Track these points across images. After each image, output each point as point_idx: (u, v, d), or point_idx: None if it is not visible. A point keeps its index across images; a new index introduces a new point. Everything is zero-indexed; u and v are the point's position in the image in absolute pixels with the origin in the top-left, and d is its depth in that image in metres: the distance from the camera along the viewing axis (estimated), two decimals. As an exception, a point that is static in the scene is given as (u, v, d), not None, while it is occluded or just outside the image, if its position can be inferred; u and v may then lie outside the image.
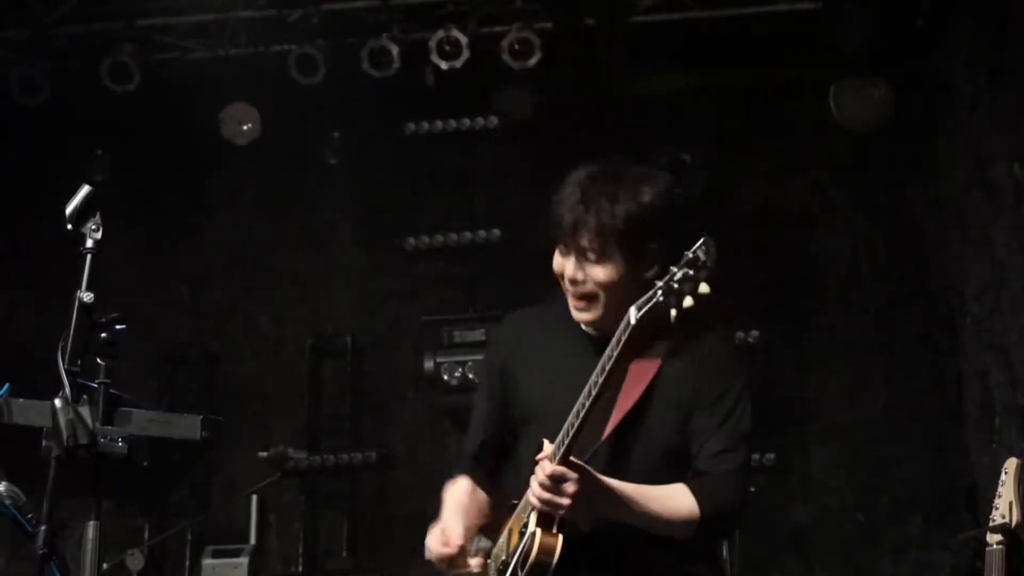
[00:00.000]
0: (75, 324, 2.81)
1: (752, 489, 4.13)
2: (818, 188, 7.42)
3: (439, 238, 7.26)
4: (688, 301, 2.82)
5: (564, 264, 3.26)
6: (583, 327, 3.33)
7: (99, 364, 2.87)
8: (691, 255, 2.82)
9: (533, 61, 7.05)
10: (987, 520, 4.41)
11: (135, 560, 6.48)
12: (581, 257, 3.20)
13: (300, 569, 7.38)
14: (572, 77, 7.28)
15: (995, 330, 6.56)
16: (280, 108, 7.53)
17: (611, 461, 3.16)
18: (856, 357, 7.28)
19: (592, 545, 3.14)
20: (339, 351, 7.74)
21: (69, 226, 2.90)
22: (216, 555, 6.10)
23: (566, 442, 3.04)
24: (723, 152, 7.37)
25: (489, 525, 3.50)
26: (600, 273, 3.19)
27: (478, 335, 6.97)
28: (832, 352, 7.26)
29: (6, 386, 3.38)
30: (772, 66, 7.17)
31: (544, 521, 3.11)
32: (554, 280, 3.38)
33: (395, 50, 7.16)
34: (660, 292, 2.85)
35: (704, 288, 2.81)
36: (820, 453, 7.19)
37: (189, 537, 7.16)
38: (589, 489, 3.04)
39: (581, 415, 3.02)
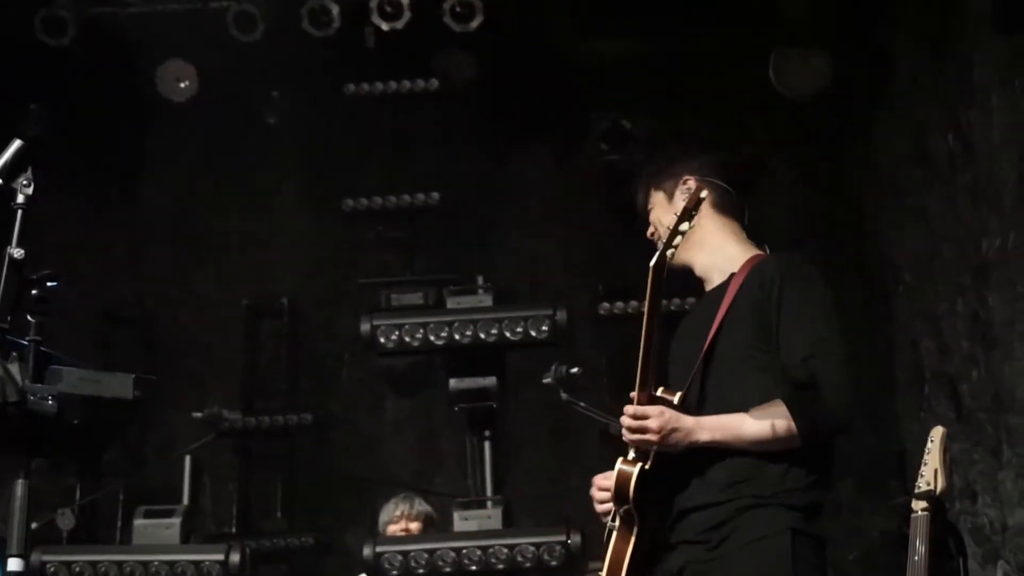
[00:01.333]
0: (5, 280, 2.77)
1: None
2: (757, 152, 7.46)
3: (378, 200, 7.22)
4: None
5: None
6: (706, 287, 3.75)
7: (30, 321, 2.84)
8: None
9: (475, 24, 7.01)
10: (914, 487, 4.47)
11: (66, 519, 6.43)
12: (644, 219, 3.81)
13: (234, 530, 7.35)
14: (514, 41, 7.25)
15: (927, 299, 6.65)
16: (218, 66, 7.44)
17: (704, 384, 3.42)
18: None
19: (691, 477, 3.39)
20: (276, 312, 7.71)
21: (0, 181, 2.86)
22: (148, 515, 6.05)
23: (639, 383, 3.36)
24: (664, 118, 7.39)
25: None
26: (656, 217, 3.77)
27: (416, 298, 6.96)
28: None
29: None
30: (714, 32, 7.18)
31: (639, 453, 3.39)
32: (489, 244, 3.61)
33: (335, 9, 7.10)
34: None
35: (684, 226, 3.33)
36: (754, 418, 7.25)
37: (122, 497, 7.11)
38: (675, 423, 3.31)
39: (643, 354, 3.36)
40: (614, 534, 3.38)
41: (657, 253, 3.32)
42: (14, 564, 2.71)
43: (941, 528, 4.49)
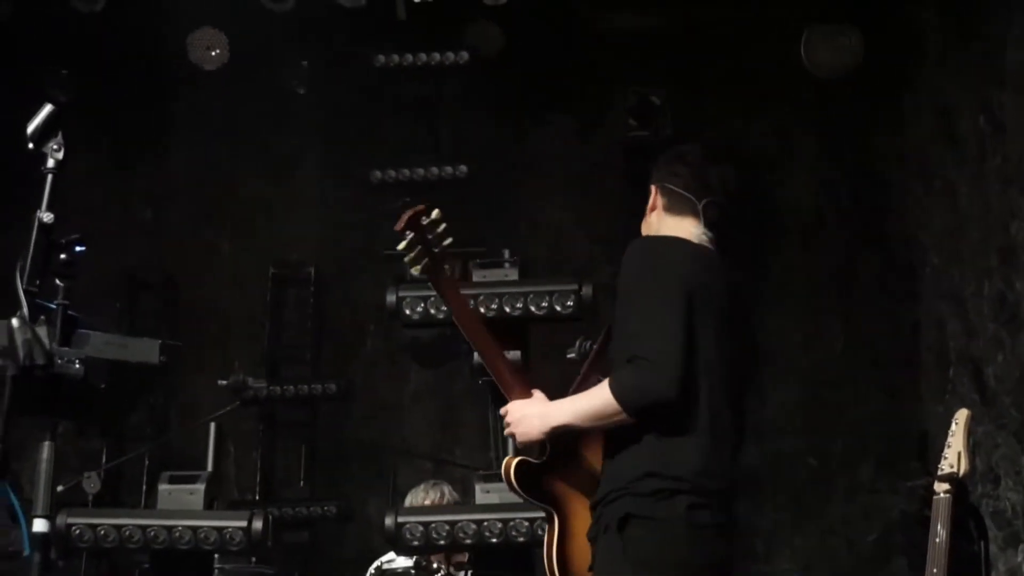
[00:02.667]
0: (35, 244, 2.78)
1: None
2: (784, 132, 7.44)
3: (405, 172, 7.23)
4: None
5: None
6: None
7: (58, 285, 2.86)
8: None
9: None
10: (936, 468, 4.47)
11: (91, 483, 6.49)
12: None
13: (257, 497, 7.40)
14: (543, 14, 7.24)
15: (953, 280, 6.62)
16: (249, 34, 7.46)
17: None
18: (815, 302, 7.33)
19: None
20: (302, 280, 7.73)
21: (31, 145, 2.88)
22: (173, 480, 6.07)
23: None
24: (690, 92, 7.37)
25: None
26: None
27: (441, 271, 6.96)
28: (791, 296, 7.31)
29: (-37, 305, 3.37)
30: (743, 7, 7.15)
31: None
32: (514, 217, 3.58)
33: (367, -20, 7.10)
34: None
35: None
36: (776, 396, 7.26)
37: (147, 462, 7.17)
38: (522, 410, 3.57)
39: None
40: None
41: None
42: (40, 525, 2.74)
43: (963, 511, 4.47)
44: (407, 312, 6.86)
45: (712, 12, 7.20)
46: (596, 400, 3.45)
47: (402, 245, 3.63)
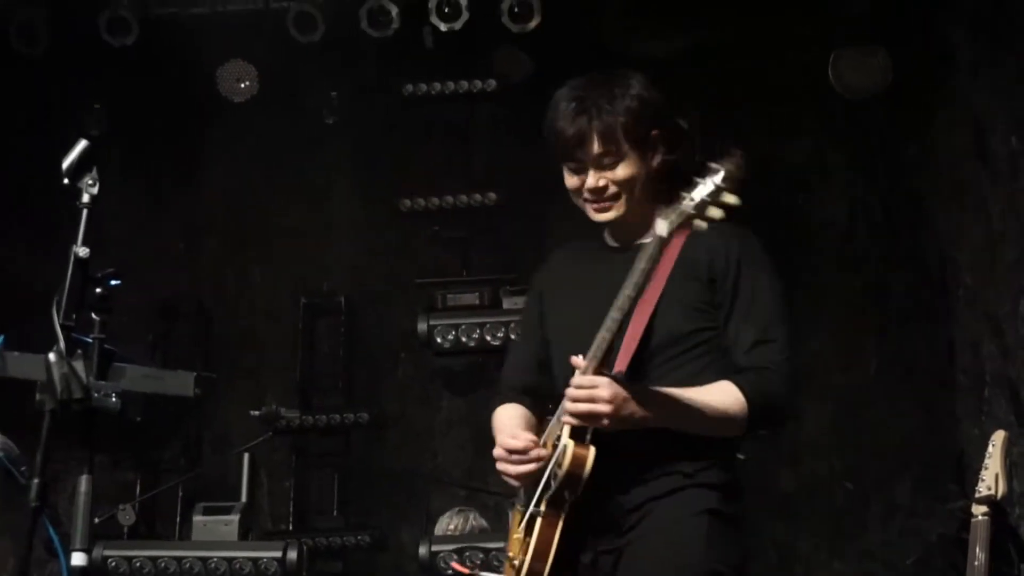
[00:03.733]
0: (71, 278, 2.81)
1: (742, 457, 4.14)
2: (815, 152, 7.42)
3: (435, 200, 7.25)
4: (716, 212, 2.95)
5: (580, 179, 3.38)
6: (607, 240, 3.50)
7: (94, 319, 2.88)
8: (715, 166, 2.97)
9: (533, 24, 7.03)
10: (974, 491, 4.44)
11: (126, 515, 6.51)
12: (597, 166, 3.33)
13: (290, 527, 7.41)
14: (570, 40, 7.25)
15: (988, 300, 6.57)
16: (278, 66, 7.51)
17: (640, 362, 3.22)
18: (849, 322, 7.29)
19: (613, 458, 3.15)
20: (333, 310, 7.75)
21: (65, 180, 2.90)
22: (207, 512, 6.12)
23: (598, 355, 3.13)
24: (720, 115, 7.36)
25: None
26: (620, 172, 3.34)
27: (472, 298, 6.99)
28: (825, 316, 7.27)
29: (2, 338, 3.39)
30: (772, 32, 7.15)
31: (577, 434, 3.16)
32: (544, 243, 3.50)
33: (394, 10, 7.14)
34: (688, 203, 2.97)
35: (731, 199, 2.95)
36: (810, 418, 7.22)
37: (180, 493, 7.18)
38: (626, 393, 3.09)
39: (612, 328, 3.11)
40: (539, 520, 3.18)
41: (686, 218, 3.00)
42: (78, 558, 2.75)
43: (1002, 534, 4.44)
44: (438, 340, 6.92)
45: (739, 36, 7.19)
46: (724, 407, 3.15)
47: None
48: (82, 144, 2.89)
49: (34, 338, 3.07)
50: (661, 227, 3.00)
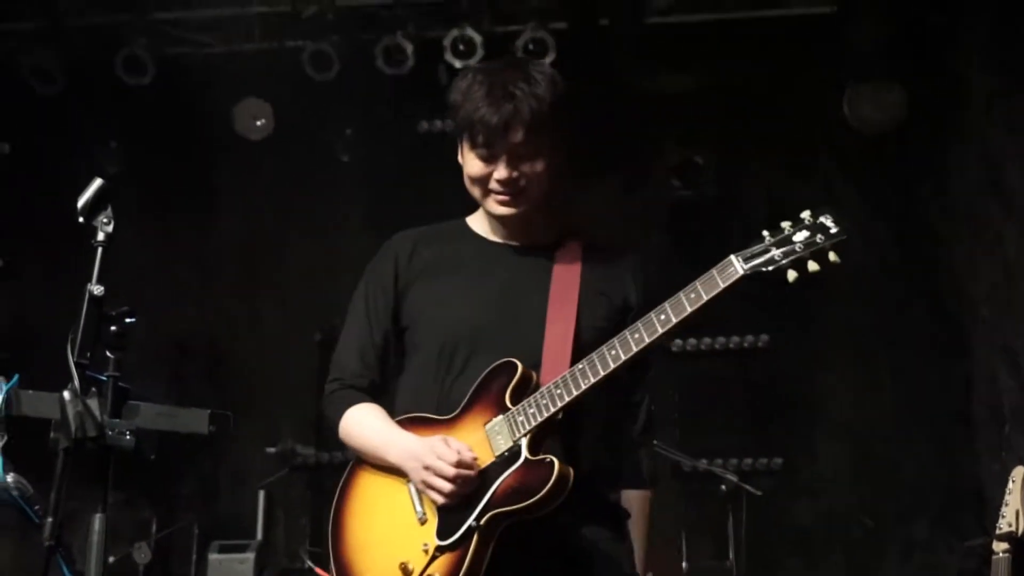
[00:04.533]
0: (85, 316, 2.81)
1: (759, 492, 4.11)
2: (829, 186, 7.41)
3: (449, 236, 7.25)
4: (813, 266, 2.90)
5: (490, 168, 3.15)
6: (485, 234, 3.31)
7: (108, 357, 2.87)
8: (818, 221, 2.90)
9: (547, 61, 7.05)
10: (994, 527, 4.40)
11: (142, 553, 6.50)
12: (512, 156, 3.11)
13: (307, 565, 7.38)
14: (585, 75, 7.27)
15: (1005, 333, 6.55)
16: (294, 104, 7.55)
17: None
18: (864, 357, 7.27)
19: None
20: (348, 346, 7.73)
21: (81, 219, 2.91)
22: (223, 550, 6.10)
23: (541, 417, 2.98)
24: (735, 152, 7.37)
25: None
26: (535, 167, 3.12)
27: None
28: (840, 352, 7.25)
29: (15, 377, 3.39)
30: (786, 68, 7.16)
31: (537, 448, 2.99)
32: None
33: (409, 48, 7.17)
34: (775, 249, 2.89)
35: (834, 257, 2.90)
36: (827, 454, 7.19)
37: (196, 531, 7.17)
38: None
39: (617, 364, 2.92)
40: (475, 536, 2.96)
41: (771, 263, 2.90)
42: (92, 598, 2.74)
43: (1022, 570, 4.40)
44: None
45: (754, 72, 7.21)
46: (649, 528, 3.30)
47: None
48: (97, 183, 2.90)
49: (49, 376, 3.06)
50: (736, 263, 2.89)
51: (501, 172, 3.14)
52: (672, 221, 7.39)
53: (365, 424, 3.28)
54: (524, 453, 2.98)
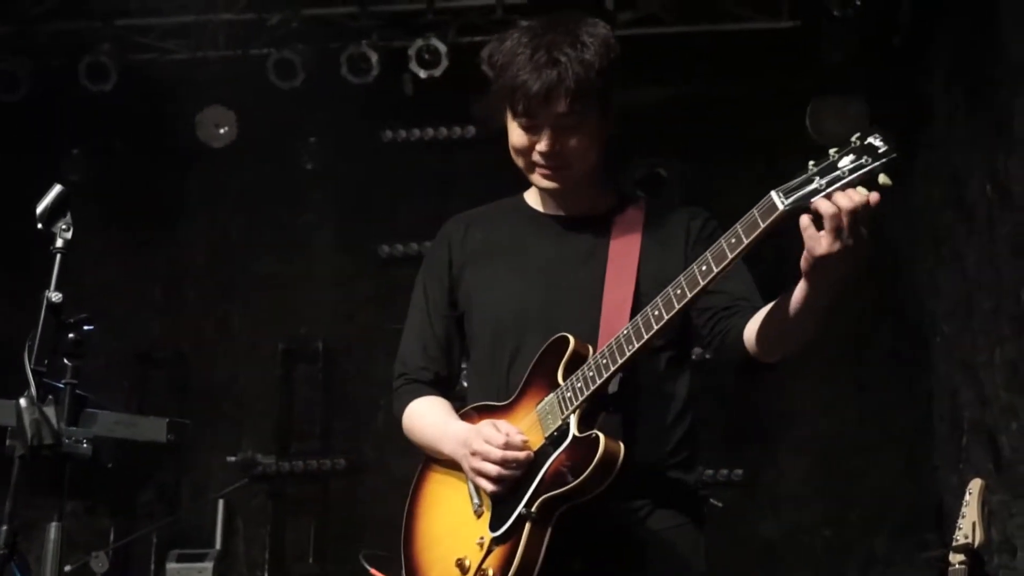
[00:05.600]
0: (43, 324, 2.79)
1: (720, 504, 4.01)
2: (793, 203, 7.43)
3: (414, 246, 7.25)
4: (863, 192, 2.53)
5: (533, 139, 2.98)
6: (542, 210, 3.14)
7: (66, 364, 2.86)
8: (867, 142, 2.52)
9: (512, 71, 7.05)
10: (952, 539, 4.42)
11: (99, 563, 6.44)
12: (556, 127, 2.94)
13: (266, 574, 7.35)
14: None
15: (965, 349, 6.59)
16: (258, 112, 7.52)
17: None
18: (828, 372, 7.29)
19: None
20: (311, 356, 7.72)
21: (40, 225, 2.89)
22: (181, 559, 6.06)
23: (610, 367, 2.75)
24: (700, 166, 7.39)
25: None
26: (580, 140, 2.97)
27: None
28: (804, 367, 7.26)
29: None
30: (750, 82, 7.20)
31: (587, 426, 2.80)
32: None
33: (374, 57, 7.16)
34: (820, 179, 2.58)
35: (884, 179, 2.53)
36: (790, 467, 7.21)
37: (155, 540, 7.12)
38: None
39: (660, 324, 2.71)
40: (527, 524, 2.78)
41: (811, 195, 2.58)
42: (47, 607, 2.72)
43: (979, 581, 4.43)
44: (417, 386, 6.84)
45: (718, 85, 7.24)
46: None
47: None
48: (56, 189, 2.88)
49: (7, 384, 3.04)
50: (777, 199, 2.65)
51: (544, 144, 2.96)
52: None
53: (424, 418, 3.17)
54: (572, 431, 2.79)
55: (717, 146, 7.39)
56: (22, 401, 2.69)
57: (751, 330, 2.89)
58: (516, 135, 3.01)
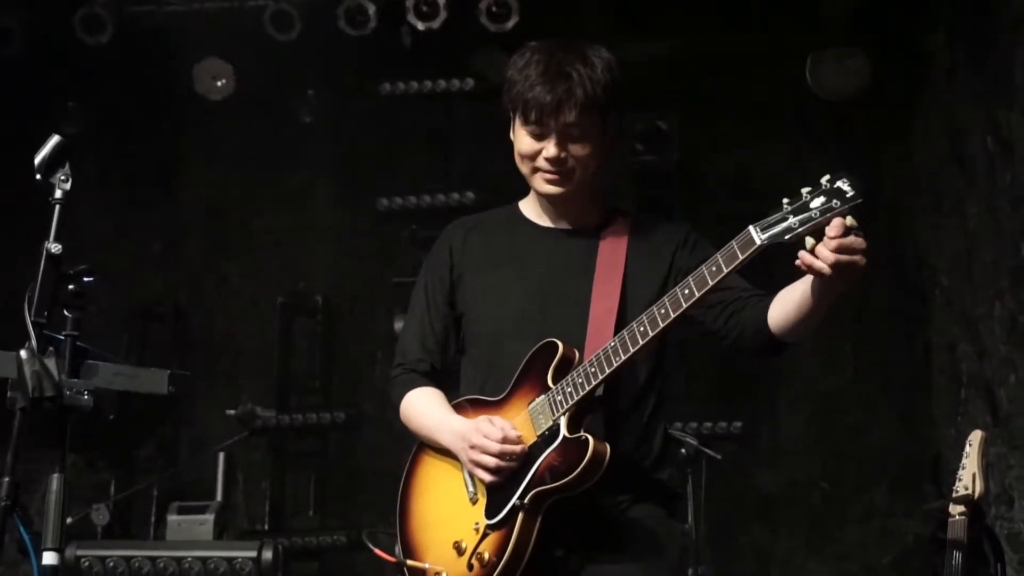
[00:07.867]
0: (43, 275, 2.78)
1: (719, 456, 4.06)
2: (794, 156, 7.42)
3: (412, 199, 7.23)
4: (850, 240, 2.96)
5: (540, 146, 3.23)
6: (533, 218, 3.39)
7: (66, 316, 2.84)
8: (835, 185, 2.95)
9: (511, 24, 7.01)
10: (951, 491, 4.44)
11: (100, 515, 6.46)
12: (562, 135, 3.20)
13: (266, 527, 7.38)
14: (548, 40, 7.23)
15: (964, 302, 6.60)
16: (255, 64, 7.47)
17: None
18: (826, 326, 7.26)
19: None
20: (310, 310, 7.72)
21: (38, 176, 2.87)
22: (182, 511, 6.07)
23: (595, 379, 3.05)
24: (699, 119, 7.36)
25: None
26: (583, 149, 3.21)
27: (450, 298, 6.96)
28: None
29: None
30: (750, 34, 7.15)
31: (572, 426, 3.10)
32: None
33: (372, 9, 7.11)
34: (793, 217, 2.94)
35: (851, 221, 2.96)
36: (788, 421, 7.23)
37: (155, 493, 7.15)
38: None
39: (645, 340, 3.01)
40: (520, 514, 3.08)
41: (788, 232, 2.96)
42: (49, 558, 2.71)
43: (979, 533, 4.45)
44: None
45: (719, 39, 7.19)
46: None
47: None
48: (55, 139, 2.86)
49: (6, 336, 3.03)
50: (755, 234, 2.96)
51: (550, 150, 3.20)
52: (637, 188, 7.37)
53: (421, 408, 3.39)
54: (563, 431, 3.09)
55: (717, 100, 7.35)
56: (22, 353, 2.68)
57: (773, 314, 3.27)
58: (524, 142, 3.26)
